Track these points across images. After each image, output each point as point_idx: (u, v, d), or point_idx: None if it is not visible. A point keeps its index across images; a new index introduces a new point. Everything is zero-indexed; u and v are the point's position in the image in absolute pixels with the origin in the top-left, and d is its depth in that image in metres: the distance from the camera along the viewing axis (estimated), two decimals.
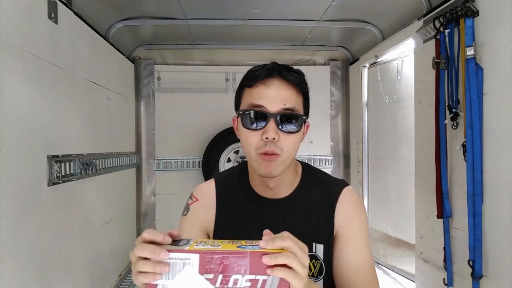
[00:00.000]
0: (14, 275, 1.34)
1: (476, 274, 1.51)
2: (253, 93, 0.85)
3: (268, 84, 0.84)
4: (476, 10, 1.54)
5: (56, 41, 1.70)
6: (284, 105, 0.83)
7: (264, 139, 0.83)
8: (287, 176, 0.94)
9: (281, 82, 0.84)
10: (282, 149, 0.84)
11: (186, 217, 0.97)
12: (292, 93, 0.85)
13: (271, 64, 0.88)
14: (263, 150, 0.84)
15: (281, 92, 0.84)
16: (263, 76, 0.85)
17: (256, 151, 0.85)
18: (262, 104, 0.83)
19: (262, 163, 0.85)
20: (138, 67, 3.20)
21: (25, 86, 1.44)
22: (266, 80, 0.84)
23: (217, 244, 0.61)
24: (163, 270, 0.58)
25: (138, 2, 2.37)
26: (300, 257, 0.61)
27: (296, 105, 0.85)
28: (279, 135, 0.83)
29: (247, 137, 0.86)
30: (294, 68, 0.90)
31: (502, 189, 1.43)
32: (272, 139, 0.82)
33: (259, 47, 3.22)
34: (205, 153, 3.18)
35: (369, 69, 3.00)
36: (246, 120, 0.85)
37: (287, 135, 0.84)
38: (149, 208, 3.29)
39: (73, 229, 1.86)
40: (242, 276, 0.59)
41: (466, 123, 1.55)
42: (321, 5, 2.40)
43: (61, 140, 1.75)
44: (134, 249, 0.61)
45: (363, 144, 3.04)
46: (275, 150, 0.83)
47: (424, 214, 2.05)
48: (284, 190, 0.95)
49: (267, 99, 0.83)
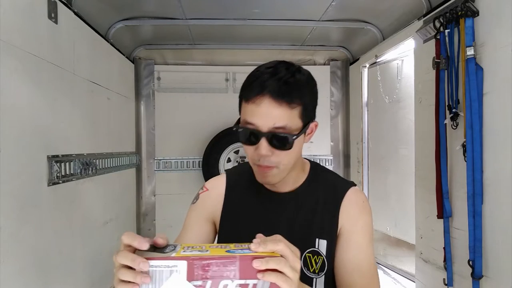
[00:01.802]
0: (14, 275, 1.34)
1: (476, 274, 1.51)
2: (246, 109, 0.85)
3: (258, 103, 0.81)
4: (476, 10, 1.54)
5: (56, 41, 1.70)
6: (274, 124, 0.81)
7: (257, 154, 0.85)
8: (290, 176, 0.95)
9: (271, 100, 0.80)
10: (278, 162, 0.86)
11: (194, 205, 1.04)
12: (282, 111, 0.81)
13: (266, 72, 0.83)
14: (257, 163, 0.87)
15: (271, 111, 0.81)
16: (254, 93, 0.82)
17: (253, 162, 0.89)
18: (253, 122, 0.83)
19: (259, 173, 0.89)
20: (138, 67, 3.20)
21: (25, 86, 1.44)
22: (257, 99, 0.81)
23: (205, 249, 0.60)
24: (144, 281, 0.56)
25: (138, 2, 2.37)
26: (291, 261, 0.60)
27: (288, 121, 0.82)
28: (272, 151, 0.84)
29: (245, 149, 0.89)
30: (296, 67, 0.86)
31: (502, 189, 1.43)
32: (264, 155, 0.84)
33: (259, 47, 3.22)
34: (205, 153, 3.18)
35: (369, 69, 3.00)
36: (241, 136, 0.87)
37: (281, 151, 0.84)
38: (149, 208, 3.29)
39: (73, 229, 1.86)
40: (232, 281, 0.58)
41: (466, 123, 1.55)
42: (321, 5, 2.40)
43: (61, 140, 1.75)
44: (117, 254, 0.59)
45: (363, 144, 3.04)
46: (269, 164, 0.85)
47: (424, 214, 2.05)
48: (289, 186, 0.97)
49: (257, 117, 0.82)
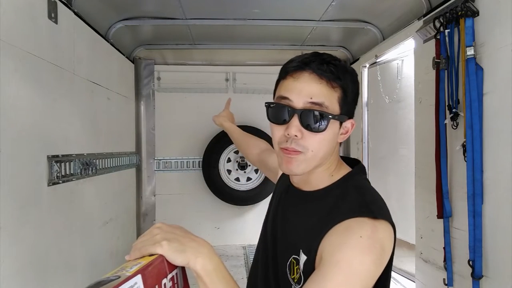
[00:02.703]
0: (14, 275, 1.34)
1: (476, 274, 1.51)
2: (283, 84, 0.82)
3: (296, 77, 0.79)
4: (476, 10, 1.54)
5: (56, 41, 1.69)
6: (311, 98, 0.77)
7: (286, 135, 0.78)
8: (314, 177, 0.86)
9: (312, 75, 0.77)
10: (306, 147, 0.78)
11: None
12: (322, 88, 0.77)
13: (308, 55, 0.81)
14: (284, 145, 0.79)
15: (310, 85, 0.77)
16: (293, 68, 0.80)
17: (279, 145, 0.81)
18: (288, 96, 0.78)
19: (283, 158, 0.81)
20: (138, 67, 3.20)
21: (25, 86, 1.44)
22: (296, 73, 0.79)
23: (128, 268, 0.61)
24: None
25: (138, 2, 2.37)
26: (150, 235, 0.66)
27: (326, 100, 0.77)
28: (302, 133, 0.77)
29: (272, 130, 0.82)
30: (334, 58, 0.82)
31: (502, 189, 1.43)
32: (293, 136, 0.77)
33: (259, 47, 3.21)
34: (205, 153, 3.18)
35: (369, 69, 3.00)
36: (271, 113, 0.82)
37: (312, 133, 0.78)
38: (149, 208, 3.29)
39: (73, 229, 1.86)
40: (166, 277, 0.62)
41: (466, 123, 1.55)
42: (321, 5, 2.40)
43: (61, 140, 1.75)
44: None
45: (363, 144, 3.04)
46: (296, 147, 0.78)
47: (424, 214, 2.05)
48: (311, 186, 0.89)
49: (294, 92, 0.78)
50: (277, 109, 0.80)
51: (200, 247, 0.66)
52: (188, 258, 0.64)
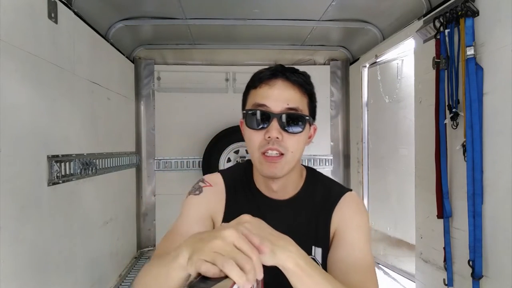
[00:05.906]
0: (14, 275, 1.34)
1: (476, 274, 1.51)
2: (257, 93, 0.86)
3: (271, 84, 0.84)
4: (476, 10, 1.54)
5: (56, 41, 1.70)
6: (288, 104, 0.83)
7: (267, 138, 0.82)
8: (292, 179, 0.92)
9: (285, 82, 0.84)
10: (287, 148, 0.83)
11: (198, 196, 0.93)
12: (296, 93, 0.85)
13: (276, 66, 0.88)
14: (266, 147, 0.82)
15: (285, 92, 0.84)
16: (267, 77, 0.85)
17: (259, 150, 0.83)
18: (265, 103, 0.83)
19: (265, 164, 0.84)
20: (138, 67, 3.20)
21: (25, 86, 1.44)
22: (270, 81, 0.84)
23: None
24: (259, 276, 0.52)
25: (138, 2, 2.37)
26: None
27: (300, 105, 0.85)
28: (282, 134, 0.82)
29: (251, 136, 0.85)
30: (299, 70, 0.90)
31: (502, 189, 1.43)
32: (275, 138, 0.81)
33: (259, 47, 3.22)
34: (205, 153, 3.18)
35: (369, 69, 3.00)
36: (250, 120, 0.84)
37: (291, 135, 0.83)
38: (149, 208, 3.29)
39: (73, 229, 1.86)
40: None
41: (466, 123, 1.55)
42: (321, 5, 2.40)
43: (61, 140, 1.75)
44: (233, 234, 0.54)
45: (363, 144, 3.04)
46: (278, 148, 0.82)
47: (424, 214, 2.05)
48: (288, 192, 0.93)
49: (271, 98, 0.83)
50: (256, 115, 0.84)
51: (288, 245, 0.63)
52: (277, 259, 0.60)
